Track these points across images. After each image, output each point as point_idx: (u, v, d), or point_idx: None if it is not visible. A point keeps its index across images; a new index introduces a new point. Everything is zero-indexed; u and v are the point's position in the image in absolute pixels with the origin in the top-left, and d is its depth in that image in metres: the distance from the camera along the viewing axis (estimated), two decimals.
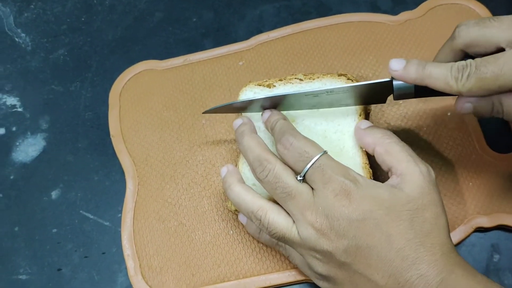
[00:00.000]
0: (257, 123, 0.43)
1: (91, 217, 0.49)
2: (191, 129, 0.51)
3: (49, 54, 0.59)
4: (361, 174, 0.37)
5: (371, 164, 0.40)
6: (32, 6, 0.63)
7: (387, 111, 0.49)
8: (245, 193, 0.39)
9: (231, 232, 0.46)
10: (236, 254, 0.45)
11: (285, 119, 0.41)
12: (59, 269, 0.47)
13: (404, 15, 0.54)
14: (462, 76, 0.35)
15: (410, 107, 0.49)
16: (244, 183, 0.41)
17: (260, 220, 0.38)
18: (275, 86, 0.45)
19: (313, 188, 0.36)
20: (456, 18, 0.53)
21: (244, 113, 0.45)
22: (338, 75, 0.45)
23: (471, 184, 0.45)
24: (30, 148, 0.54)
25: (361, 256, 0.34)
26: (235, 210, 0.44)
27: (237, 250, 0.45)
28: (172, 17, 0.60)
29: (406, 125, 0.48)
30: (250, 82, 0.46)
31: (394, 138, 0.38)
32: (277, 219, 0.37)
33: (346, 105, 0.42)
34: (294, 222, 0.37)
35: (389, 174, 0.37)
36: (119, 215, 0.49)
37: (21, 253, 0.48)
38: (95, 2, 0.62)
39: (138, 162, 0.50)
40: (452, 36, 0.39)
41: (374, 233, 0.34)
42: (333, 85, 0.43)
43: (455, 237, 0.43)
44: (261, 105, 0.43)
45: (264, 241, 0.43)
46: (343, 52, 0.53)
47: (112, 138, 0.52)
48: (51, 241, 0.49)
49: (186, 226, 0.47)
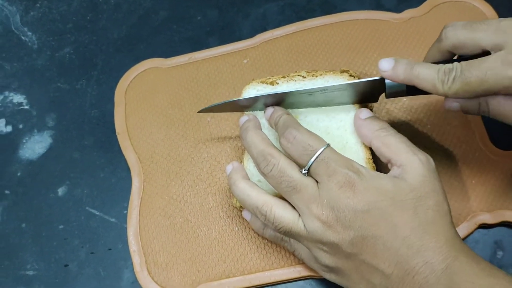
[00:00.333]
0: (261, 120, 0.44)
1: (97, 213, 0.50)
2: (196, 127, 0.52)
3: (55, 52, 0.60)
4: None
5: (374, 160, 0.40)
6: (38, 4, 0.63)
7: (391, 108, 0.49)
8: (250, 189, 0.40)
9: (236, 228, 0.46)
10: (241, 250, 0.45)
11: (288, 114, 0.41)
12: (66, 265, 0.48)
13: (408, 13, 0.54)
14: (448, 79, 0.36)
15: (414, 104, 0.49)
16: (249, 179, 0.41)
17: (266, 215, 0.38)
18: (278, 83, 0.45)
19: (317, 181, 0.37)
20: (460, 16, 0.53)
21: (246, 111, 0.45)
22: (341, 72, 0.45)
23: (474, 181, 0.45)
24: (36, 146, 0.54)
25: (367, 246, 0.35)
26: (240, 207, 0.44)
27: (242, 246, 0.45)
28: (176, 16, 0.60)
29: (409, 122, 0.49)
30: (254, 79, 0.47)
31: (390, 131, 0.38)
32: (282, 214, 0.38)
33: (340, 103, 0.43)
34: (299, 215, 0.37)
35: (389, 166, 0.38)
36: (125, 211, 0.49)
37: (28, 249, 0.49)
38: (100, 1, 0.62)
39: (144, 159, 0.51)
40: (439, 37, 0.39)
41: (379, 223, 0.34)
42: (330, 83, 0.43)
43: (459, 233, 0.43)
44: (264, 103, 0.43)
45: (268, 237, 0.43)
46: (347, 50, 0.53)
47: (118, 136, 0.52)
48: (57, 237, 0.49)
49: (191, 222, 0.47)
